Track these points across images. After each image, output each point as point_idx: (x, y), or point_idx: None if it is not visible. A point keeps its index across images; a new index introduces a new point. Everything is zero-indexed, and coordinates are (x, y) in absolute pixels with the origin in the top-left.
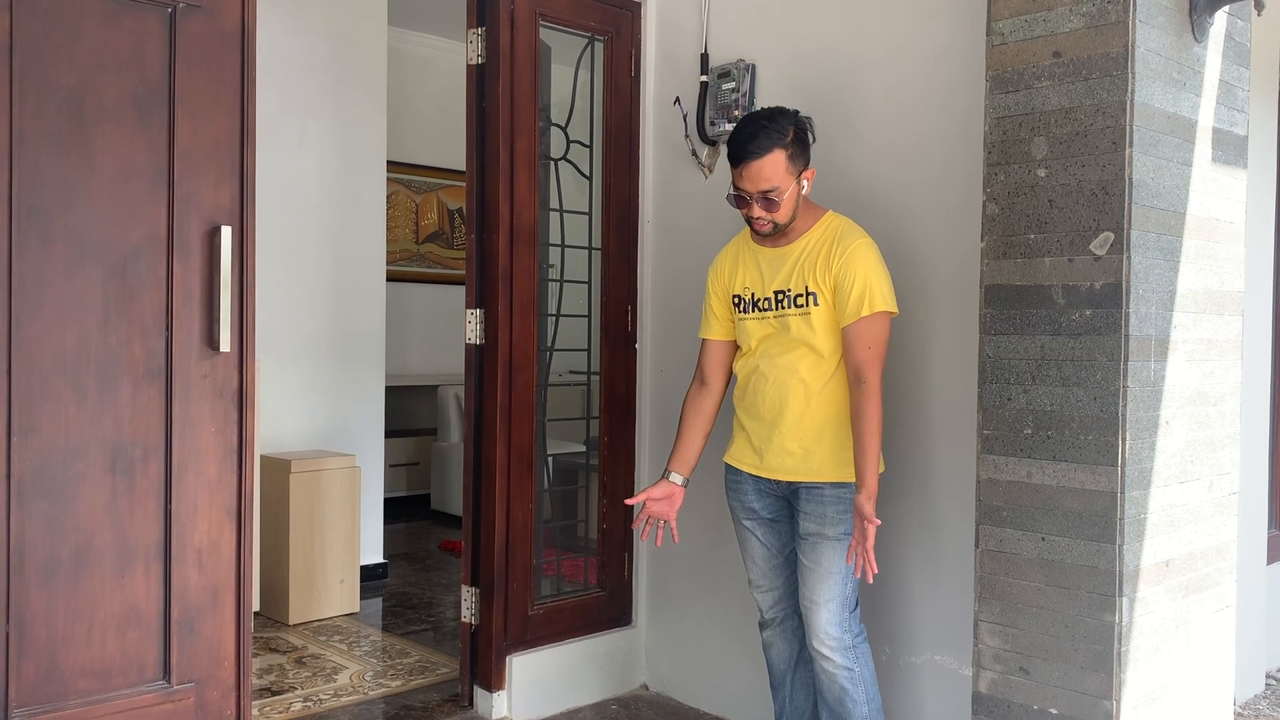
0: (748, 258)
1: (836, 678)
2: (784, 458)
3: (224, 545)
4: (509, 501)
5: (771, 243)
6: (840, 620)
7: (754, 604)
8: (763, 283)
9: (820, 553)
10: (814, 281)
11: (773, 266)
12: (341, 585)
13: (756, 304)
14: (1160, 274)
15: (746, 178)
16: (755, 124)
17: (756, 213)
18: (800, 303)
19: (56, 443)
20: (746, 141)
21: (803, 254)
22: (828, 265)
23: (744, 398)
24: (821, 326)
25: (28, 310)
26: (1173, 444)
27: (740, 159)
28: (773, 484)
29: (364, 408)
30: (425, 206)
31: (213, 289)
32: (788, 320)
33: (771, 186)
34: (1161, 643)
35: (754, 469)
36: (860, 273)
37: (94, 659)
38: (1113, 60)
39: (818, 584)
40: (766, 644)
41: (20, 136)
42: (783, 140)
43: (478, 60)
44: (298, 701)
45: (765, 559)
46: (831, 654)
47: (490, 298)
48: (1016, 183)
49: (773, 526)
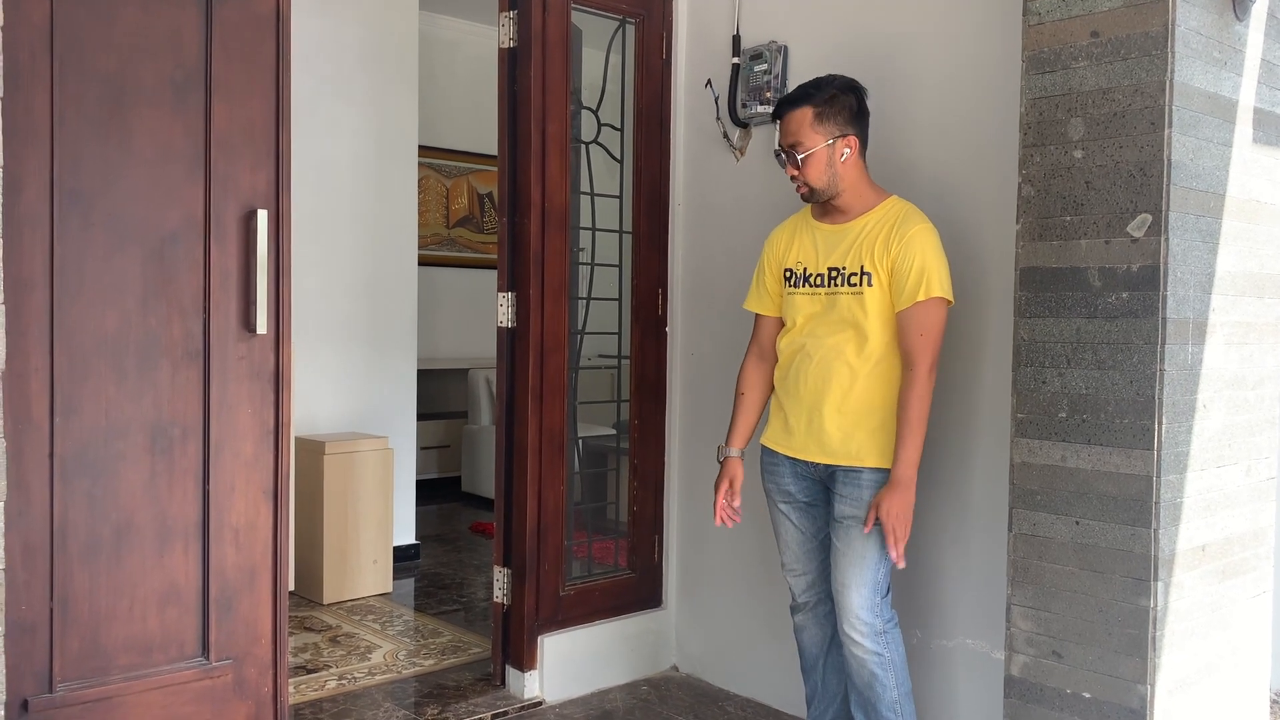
0: (804, 232)
1: (866, 663)
2: (823, 440)
3: (260, 524)
4: (540, 483)
5: (831, 219)
6: (872, 605)
7: (785, 586)
8: (817, 258)
9: (854, 537)
10: (870, 261)
11: (829, 243)
12: (374, 565)
13: (808, 279)
14: (1199, 256)
15: (784, 130)
16: (814, 81)
17: (790, 171)
18: (854, 281)
19: (98, 423)
20: (785, 97)
21: (862, 233)
22: (886, 247)
23: (785, 378)
24: (873, 308)
25: (69, 292)
26: (1210, 428)
27: (777, 114)
28: (810, 467)
29: (396, 390)
30: (455, 191)
31: (249, 272)
32: (838, 298)
33: (795, 141)
34: (1197, 628)
35: (792, 451)
36: (919, 257)
37: (135, 635)
38: (1152, 39)
39: (849, 568)
40: (798, 628)
41: (61, 120)
42: (814, 99)
43: (510, 43)
44: (332, 680)
45: (799, 543)
46: (862, 639)
47: (522, 281)
48: (1053, 164)
49: (808, 511)
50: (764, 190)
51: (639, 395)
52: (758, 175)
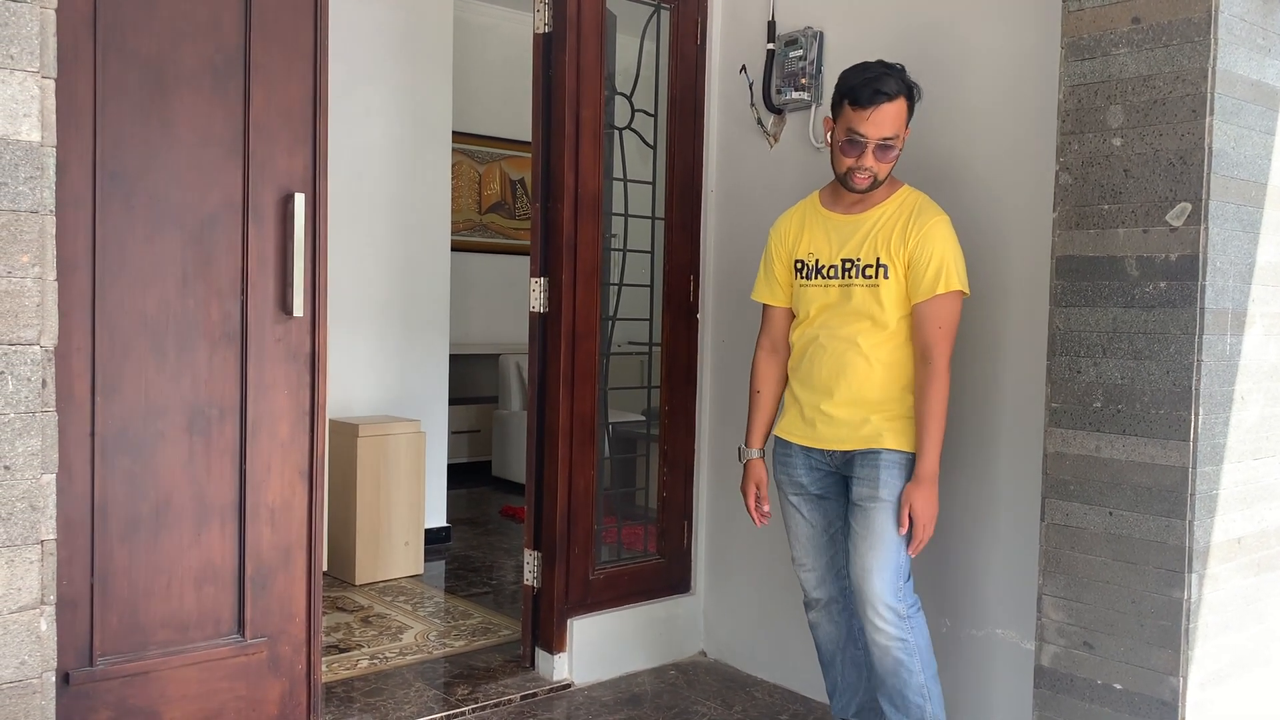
0: (815, 222)
1: (890, 650)
2: (838, 427)
3: (296, 504)
4: (571, 468)
5: (844, 209)
6: (894, 589)
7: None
8: (830, 249)
9: (873, 518)
10: (887, 254)
11: (841, 234)
12: (406, 548)
13: (821, 270)
14: (1239, 246)
15: (872, 122)
16: (880, 67)
17: (868, 162)
18: (869, 274)
19: (137, 403)
20: (876, 82)
21: (877, 224)
22: (903, 239)
23: (799, 368)
24: (889, 300)
25: (110, 273)
26: (1248, 419)
27: (870, 100)
28: (825, 457)
29: (429, 375)
30: (488, 177)
31: (286, 255)
32: (852, 290)
33: (894, 134)
34: (1231, 620)
35: (806, 440)
36: (937, 250)
37: (173, 612)
38: (1194, 26)
39: (869, 551)
40: (813, 624)
41: (103, 103)
42: (906, 89)
43: (544, 29)
44: (364, 659)
45: (809, 537)
46: (885, 624)
47: (555, 266)
48: (1091, 152)
49: (819, 503)
50: (797, 177)
51: (670, 381)
52: (791, 162)
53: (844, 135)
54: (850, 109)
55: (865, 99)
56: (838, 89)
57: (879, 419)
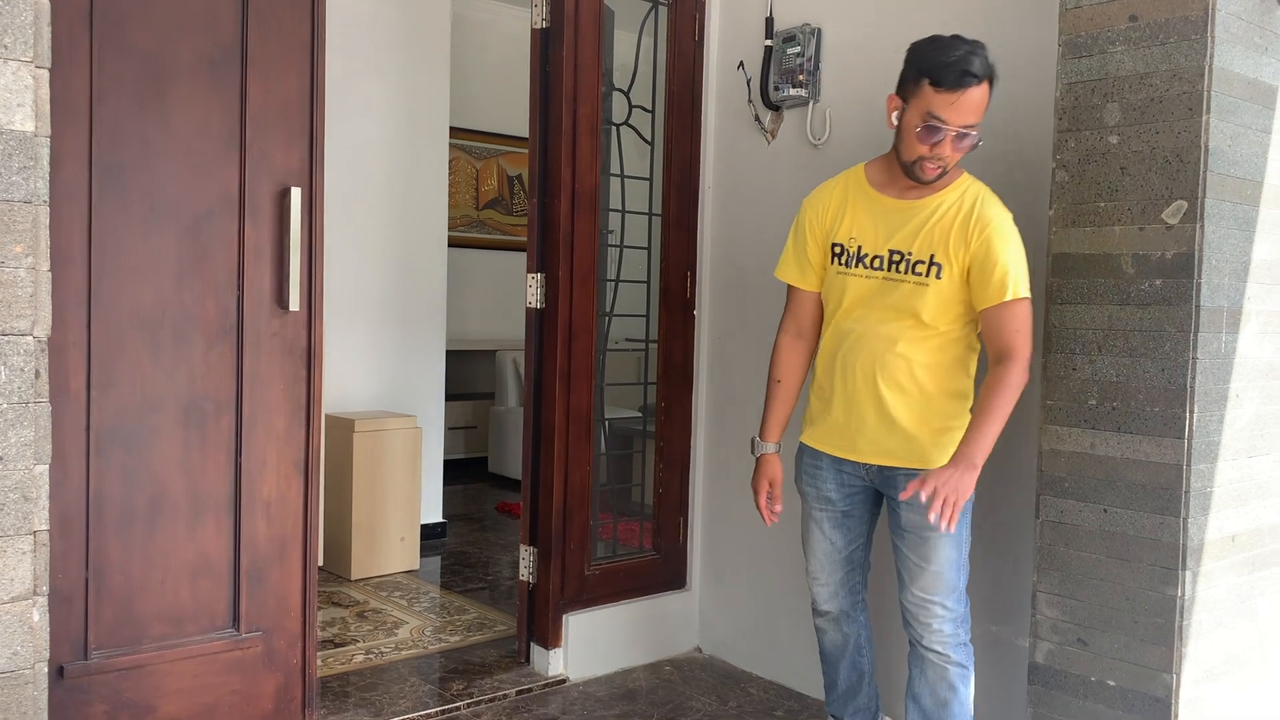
0: (860, 202)
1: (948, 674)
2: (879, 440)
3: (291, 498)
4: (567, 464)
5: (899, 192)
6: (955, 617)
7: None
8: (875, 237)
9: (929, 549)
10: (944, 252)
11: (890, 221)
12: (402, 543)
13: (862, 259)
14: (1234, 244)
15: (956, 108)
16: (964, 43)
17: (945, 151)
18: (920, 270)
19: (133, 396)
20: (964, 62)
21: (935, 216)
22: (964, 238)
23: (831, 367)
24: (937, 300)
25: (106, 267)
26: (1242, 417)
27: (957, 83)
28: (860, 469)
29: (425, 370)
30: (485, 173)
31: (282, 249)
32: (898, 286)
33: (977, 121)
34: (1225, 618)
35: (840, 451)
36: (1004, 254)
37: (168, 606)
38: (1191, 24)
39: (930, 583)
40: (819, 629)
41: (100, 96)
42: (991, 71)
43: (542, 24)
44: (360, 654)
45: (826, 554)
46: (947, 650)
47: (551, 262)
48: (1087, 149)
49: (844, 521)
50: (794, 173)
51: (666, 378)
52: (789, 159)
53: (920, 119)
54: (932, 90)
55: (952, 80)
56: (915, 65)
57: (926, 433)
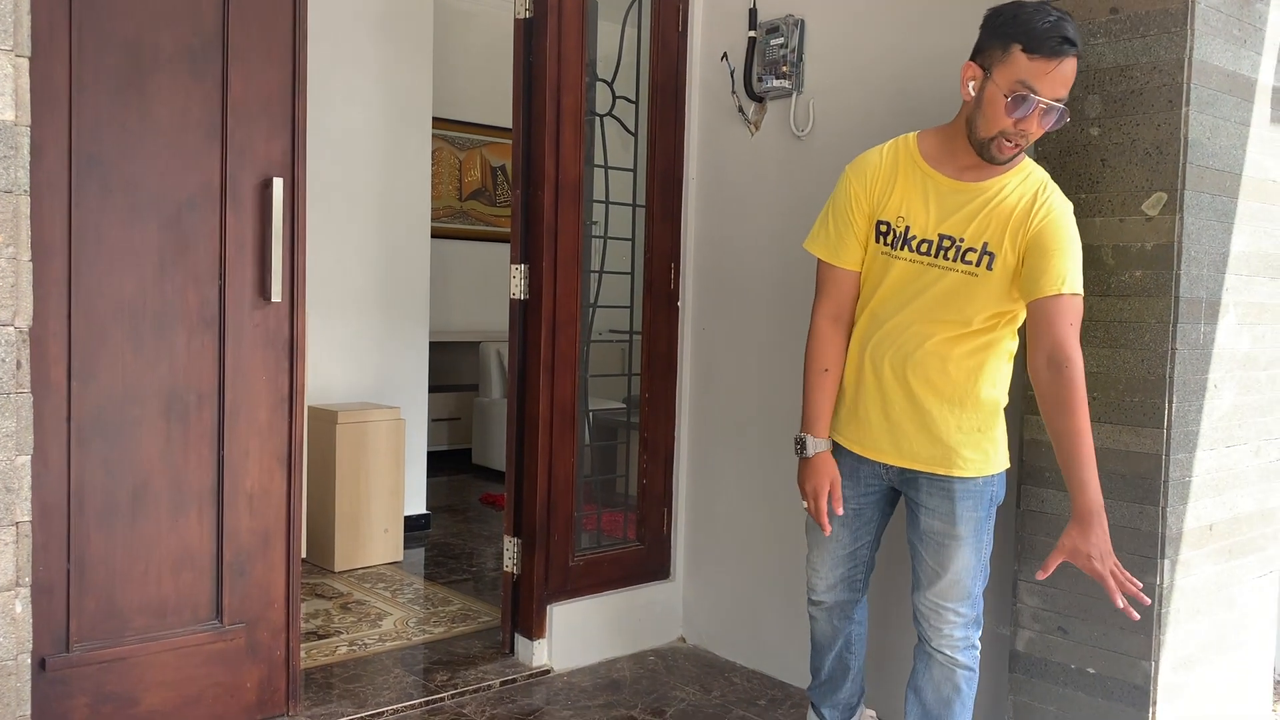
0: (913, 179)
1: (953, 675)
2: (902, 440)
3: (274, 490)
4: (551, 455)
5: (958, 172)
6: (967, 622)
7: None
8: (927, 219)
9: (950, 556)
10: (999, 240)
11: (944, 203)
12: (385, 534)
13: (909, 242)
14: (1213, 236)
15: (1055, 77)
16: (1054, 9)
17: (1031, 127)
18: (970, 259)
19: (114, 388)
20: (1060, 28)
21: (995, 200)
22: (1024, 225)
23: (861, 361)
24: (984, 294)
25: (87, 258)
26: (1220, 407)
27: (1056, 50)
28: (881, 469)
29: (408, 362)
30: (469, 163)
31: (264, 240)
32: (945, 275)
33: (1065, 95)
34: (1202, 606)
35: (862, 449)
36: (1064, 245)
37: (150, 598)
38: (1171, 16)
39: (946, 590)
40: (811, 616)
41: (80, 86)
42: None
43: (526, 14)
44: (343, 645)
45: (830, 550)
46: (955, 654)
47: (535, 253)
48: (1068, 141)
49: (854, 521)
50: (778, 165)
51: (650, 370)
52: (772, 150)
53: (1009, 87)
54: (1026, 58)
55: (1051, 48)
56: (1002, 30)
57: (955, 435)
